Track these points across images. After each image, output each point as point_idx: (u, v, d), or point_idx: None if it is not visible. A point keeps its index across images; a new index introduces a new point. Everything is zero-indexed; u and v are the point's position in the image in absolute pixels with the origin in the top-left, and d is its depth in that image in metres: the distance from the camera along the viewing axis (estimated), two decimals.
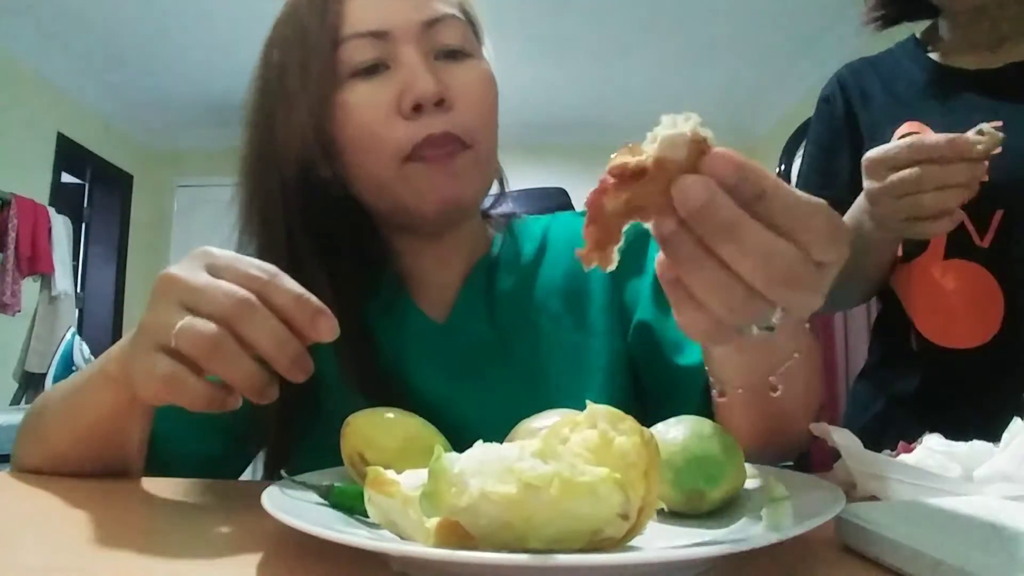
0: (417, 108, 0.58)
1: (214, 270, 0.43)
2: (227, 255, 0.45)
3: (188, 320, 0.41)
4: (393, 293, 0.68)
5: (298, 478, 0.43)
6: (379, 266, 0.68)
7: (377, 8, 0.61)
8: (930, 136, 0.72)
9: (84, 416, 0.53)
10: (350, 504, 0.40)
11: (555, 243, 0.73)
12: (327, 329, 0.43)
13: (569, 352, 0.67)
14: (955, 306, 0.87)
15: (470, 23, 0.66)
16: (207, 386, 0.42)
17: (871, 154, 0.76)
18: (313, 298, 0.43)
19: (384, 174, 0.60)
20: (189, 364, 0.42)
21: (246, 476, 0.69)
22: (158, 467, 0.58)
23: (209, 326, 0.41)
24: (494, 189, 0.72)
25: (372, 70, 0.60)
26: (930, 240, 0.87)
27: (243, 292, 0.42)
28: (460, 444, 0.36)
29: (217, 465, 0.62)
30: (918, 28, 1.01)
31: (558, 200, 1.27)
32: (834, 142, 1.00)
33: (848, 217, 0.87)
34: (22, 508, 0.48)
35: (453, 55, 0.62)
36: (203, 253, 0.45)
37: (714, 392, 0.52)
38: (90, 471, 0.54)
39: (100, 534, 0.39)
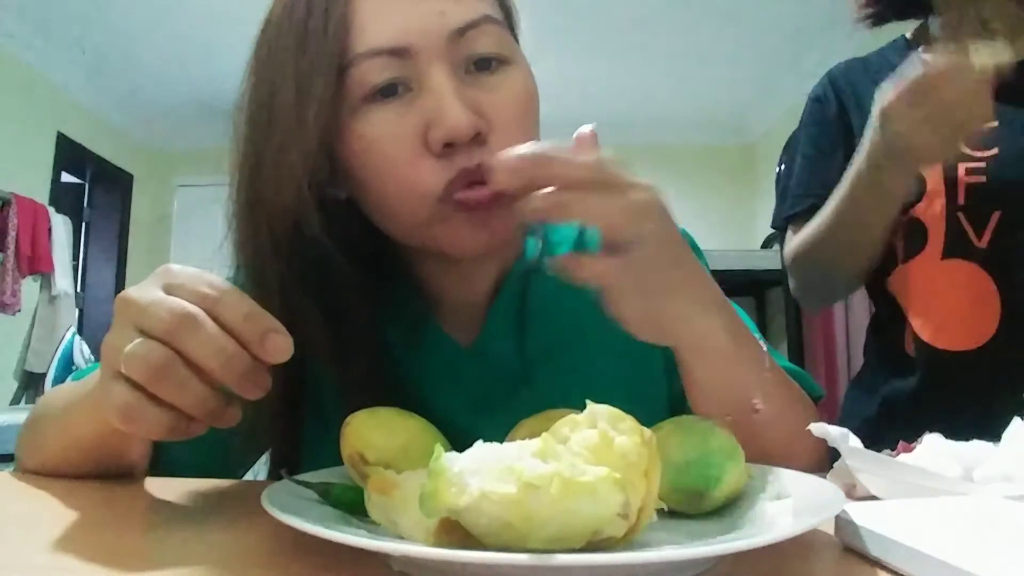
0: (449, 145, 0.50)
1: (170, 288, 0.41)
2: (186, 272, 0.42)
3: (134, 344, 0.38)
4: (416, 314, 0.63)
5: (298, 478, 0.43)
6: (398, 285, 0.62)
7: (394, 16, 0.50)
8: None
9: (79, 434, 0.52)
10: (350, 504, 0.40)
11: (592, 244, 0.68)
12: (278, 348, 0.39)
13: (604, 375, 0.62)
14: (952, 308, 0.87)
15: (505, 13, 0.58)
16: (164, 415, 0.39)
17: (886, 103, 0.76)
18: (266, 315, 0.40)
19: (416, 213, 0.52)
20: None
21: (247, 477, 0.69)
22: (161, 474, 0.58)
23: (154, 349, 0.38)
24: None
25: (390, 91, 0.50)
26: (928, 240, 0.87)
27: (188, 307, 0.39)
28: None
29: (219, 474, 0.61)
30: (908, 28, 1.01)
31: None
32: (829, 142, 0.99)
33: (851, 175, 0.86)
34: (23, 508, 0.48)
35: (487, 64, 0.53)
36: (163, 271, 0.42)
37: None
38: (89, 478, 0.54)
39: (100, 534, 0.39)
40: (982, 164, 0.85)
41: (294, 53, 0.51)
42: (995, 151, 0.86)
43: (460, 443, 0.47)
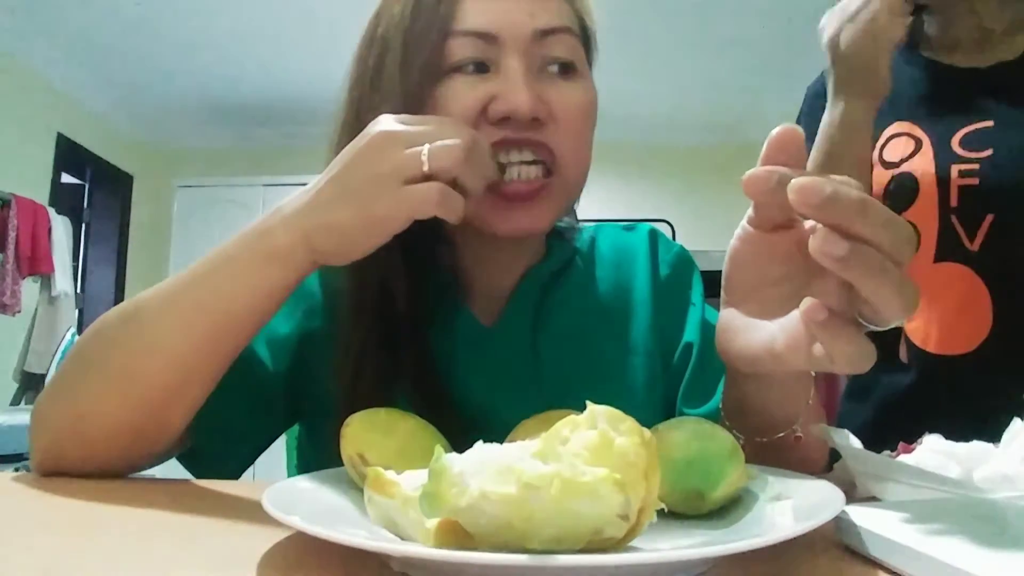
0: (505, 119, 0.56)
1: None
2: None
3: (435, 144, 0.47)
4: (446, 295, 0.68)
5: (298, 478, 0.43)
6: (438, 274, 0.67)
7: (493, 7, 0.58)
8: None
9: (223, 305, 0.51)
10: None
11: (602, 256, 0.74)
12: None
13: (608, 369, 0.67)
14: (944, 311, 0.86)
15: (585, 38, 0.65)
16: (458, 196, 0.48)
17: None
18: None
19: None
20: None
21: (247, 476, 0.69)
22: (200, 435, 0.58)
23: (456, 139, 0.47)
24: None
25: (472, 69, 0.58)
26: (920, 242, 0.86)
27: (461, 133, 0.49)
28: None
29: (259, 427, 0.65)
30: None
31: None
32: None
33: (822, 120, 0.88)
34: (23, 509, 0.48)
35: (563, 70, 0.60)
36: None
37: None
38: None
39: (100, 535, 0.39)
40: (975, 166, 0.85)
41: (406, 24, 0.59)
42: (988, 152, 0.85)
43: (477, 418, 0.59)
